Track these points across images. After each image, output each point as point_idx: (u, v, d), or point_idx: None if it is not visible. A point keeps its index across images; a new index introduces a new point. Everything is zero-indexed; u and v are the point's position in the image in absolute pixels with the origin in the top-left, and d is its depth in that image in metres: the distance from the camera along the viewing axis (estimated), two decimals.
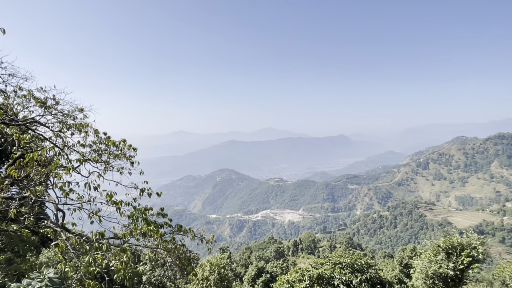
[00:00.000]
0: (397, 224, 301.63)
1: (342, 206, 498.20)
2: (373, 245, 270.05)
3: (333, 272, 26.35)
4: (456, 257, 20.95)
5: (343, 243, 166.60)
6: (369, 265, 27.81)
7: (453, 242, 21.57)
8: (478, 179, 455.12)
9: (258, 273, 50.19)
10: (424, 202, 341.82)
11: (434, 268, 21.17)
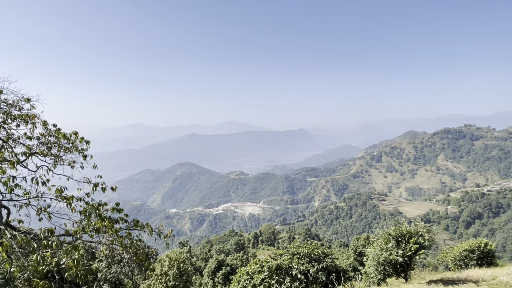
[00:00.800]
0: (352, 215, 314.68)
1: (301, 198, 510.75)
2: (330, 235, 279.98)
3: (292, 262, 27.06)
4: (405, 245, 22.33)
5: (302, 234, 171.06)
6: (325, 254, 28.88)
7: (402, 230, 22.95)
8: (426, 171, 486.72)
9: (218, 266, 50.32)
10: (377, 193, 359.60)
11: (385, 255, 22.44)
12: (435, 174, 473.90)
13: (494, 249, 31.45)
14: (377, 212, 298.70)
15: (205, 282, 50.66)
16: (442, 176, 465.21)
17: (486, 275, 24.19)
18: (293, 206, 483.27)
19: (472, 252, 30.64)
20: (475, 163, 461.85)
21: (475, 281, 22.47)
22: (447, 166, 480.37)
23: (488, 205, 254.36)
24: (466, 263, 30.79)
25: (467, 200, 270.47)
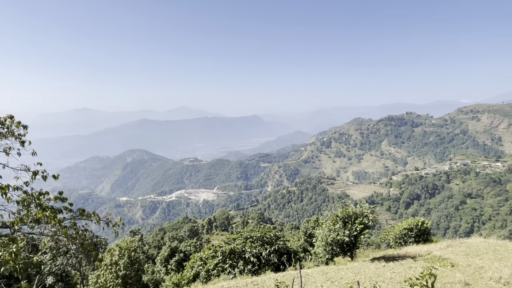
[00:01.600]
0: (303, 198, 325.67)
1: (254, 183, 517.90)
2: (282, 218, 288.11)
3: (245, 246, 27.63)
4: (351, 225, 23.68)
5: (255, 218, 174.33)
6: (277, 237, 29.82)
7: (349, 212, 24.27)
8: (371, 156, 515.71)
9: (171, 253, 49.85)
10: (327, 178, 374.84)
11: (333, 236, 23.66)
12: (379, 159, 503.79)
13: (430, 227, 34.43)
14: (326, 195, 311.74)
15: (158, 270, 50.03)
16: (386, 160, 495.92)
17: (423, 251, 26.49)
18: (247, 191, 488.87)
19: (411, 231, 33.32)
20: (414, 148, 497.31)
21: (413, 257, 24.50)
22: (390, 151, 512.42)
23: (425, 187, 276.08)
24: (406, 240, 33.45)
25: (407, 182, 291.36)
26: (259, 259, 27.23)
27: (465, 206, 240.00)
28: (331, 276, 19.89)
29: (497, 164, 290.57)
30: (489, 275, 18.68)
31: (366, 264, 22.67)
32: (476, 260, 22.87)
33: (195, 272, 30.11)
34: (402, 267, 21.38)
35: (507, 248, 26.02)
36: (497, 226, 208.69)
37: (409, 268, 21.11)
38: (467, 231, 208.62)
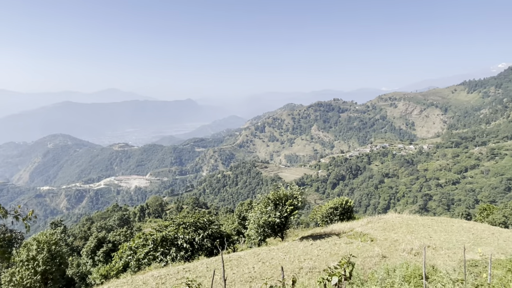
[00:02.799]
0: (238, 182, 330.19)
1: (189, 168, 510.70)
2: (218, 202, 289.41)
3: (177, 232, 27.09)
4: (282, 207, 24.49)
5: (190, 203, 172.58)
6: (210, 222, 29.73)
7: (280, 194, 25.04)
8: (302, 140, 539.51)
9: (98, 244, 47.15)
10: (261, 161, 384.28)
11: (265, 218, 24.28)
12: (309, 143, 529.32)
13: (353, 205, 37.20)
14: (260, 179, 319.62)
15: (83, 262, 47.08)
16: (315, 144, 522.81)
17: (346, 228, 28.53)
18: (181, 176, 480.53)
19: (336, 209, 35.66)
20: (341, 132, 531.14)
21: (337, 234, 26.25)
22: (319, 135, 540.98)
23: (350, 168, 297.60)
24: (331, 218, 35.74)
25: (334, 164, 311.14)
26: (192, 245, 26.95)
27: (383, 185, 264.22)
28: (262, 257, 20.44)
29: (410, 147, 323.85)
30: (402, 247, 20.79)
31: (295, 243, 23.74)
32: (392, 234, 25.29)
33: (124, 262, 28.89)
34: (328, 244, 22.78)
35: (418, 222, 29.19)
36: (409, 202, 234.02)
37: (334, 245, 22.59)
38: (385, 208, 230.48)
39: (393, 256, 19.09)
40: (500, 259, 16.78)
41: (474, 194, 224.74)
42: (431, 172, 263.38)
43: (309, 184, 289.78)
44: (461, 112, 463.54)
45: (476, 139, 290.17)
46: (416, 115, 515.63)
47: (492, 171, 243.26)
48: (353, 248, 21.22)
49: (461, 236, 24.77)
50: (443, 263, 17.78)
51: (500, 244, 22.91)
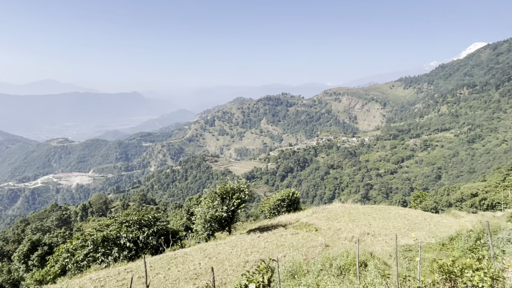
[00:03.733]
0: (188, 177, 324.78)
1: (136, 164, 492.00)
2: (167, 198, 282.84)
3: (120, 231, 25.83)
4: (229, 201, 24.30)
5: (137, 200, 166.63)
6: (156, 218, 28.72)
7: (226, 188, 24.83)
8: (252, 133, 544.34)
9: (32, 247, 43.56)
10: (211, 155, 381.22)
11: (212, 212, 23.94)
12: (258, 136, 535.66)
13: (299, 196, 38.14)
14: (210, 173, 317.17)
15: (15, 268, 43.28)
16: (264, 137, 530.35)
17: (292, 219, 29.15)
18: (128, 172, 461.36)
19: (283, 201, 36.31)
20: (289, 126, 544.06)
21: (284, 225, 26.72)
22: (268, 129, 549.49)
23: (298, 160, 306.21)
24: (279, 210, 36.33)
25: (283, 157, 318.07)
26: (137, 243, 25.90)
27: (328, 176, 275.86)
28: (209, 253, 20.14)
29: (353, 139, 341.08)
30: (344, 235, 21.66)
31: (243, 236, 23.74)
32: (335, 223, 26.29)
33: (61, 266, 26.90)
34: (274, 236, 23.08)
35: (359, 210, 30.70)
36: (352, 192, 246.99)
37: (281, 236, 22.94)
38: (330, 197, 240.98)
39: (335, 245, 19.81)
40: (431, 242, 18.10)
41: (409, 183, 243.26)
42: (372, 163, 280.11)
43: (259, 177, 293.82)
44: (398, 106, 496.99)
45: (411, 132, 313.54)
46: (358, 109, 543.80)
47: (425, 161, 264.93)
48: (299, 239, 21.70)
49: (398, 223, 26.49)
50: (381, 249, 18.81)
51: (431, 229, 24.85)
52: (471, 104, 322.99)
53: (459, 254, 14.64)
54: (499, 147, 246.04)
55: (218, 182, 26.10)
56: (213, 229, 24.83)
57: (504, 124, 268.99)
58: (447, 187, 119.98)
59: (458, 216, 32.38)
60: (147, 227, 27.29)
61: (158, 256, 21.93)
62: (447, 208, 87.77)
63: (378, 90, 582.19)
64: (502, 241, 14.83)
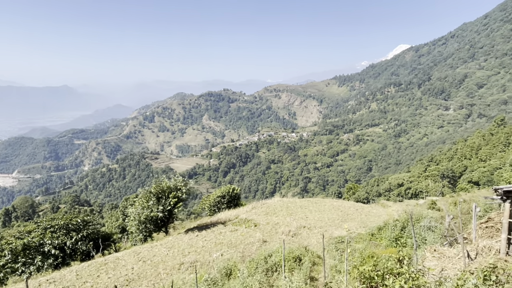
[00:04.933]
0: (126, 175, 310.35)
1: (68, 163, 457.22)
2: (102, 198, 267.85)
3: (44, 238, 23.58)
4: (165, 200, 23.35)
5: (69, 202, 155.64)
6: (86, 222, 26.67)
7: (162, 187, 23.82)
8: (193, 129, 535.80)
9: None
10: (150, 153, 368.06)
11: (146, 213, 22.80)
12: (200, 132, 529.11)
13: (240, 192, 38.16)
14: (150, 171, 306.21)
15: None
16: (206, 133, 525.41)
17: (232, 215, 29.03)
18: (58, 173, 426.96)
19: (223, 198, 36.06)
20: (231, 122, 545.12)
21: (223, 222, 26.45)
22: (210, 125, 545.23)
23: (240, 156, 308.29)
24: (219, 207, 36.02)
25: (225, 153, 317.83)
26: (63, 250, 23.84)
27: (270, 171, 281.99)
28: (143, 256, 19.16)
29: (292, 135, 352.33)
30: (281, 229, 22.03)
31: (180, 236, 23.00)
32: (273, 217, 26.68)
33: None
34: (213, 234, 22.72)
35: (296, 204, 31.53)
36: (292, 185, 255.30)
37: (220, 234, 22.65)
38: (272, 191, 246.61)
39: (273, 240, 20.04)
40: (362, 233, 19.12)
41: (344, 175, 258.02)
42: (310, 157, 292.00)
43: (201, 173, 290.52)
44: (333, 103, 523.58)
45: (345, 127, 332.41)
46: (297, 105, 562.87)
47: (357, 155, 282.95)
48: (237, 235, 21.60)
49: (332, 214, 27.68)
50: (316, 241, 19.43)
51: (362, 219, 26.34)
52: (397, 101, 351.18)
53: (387, 243, 15.63)
54: (421, 140, 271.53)
55: (154, 181, 24.86)
56: (148, 230, 23.66)
57: (425, 120, 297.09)
58: (377, 178, 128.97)
59: (386, 205, 34.83)
60: (75, 231, 25.26)
61: (87, 262, 20.39)
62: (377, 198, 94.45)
63: (315, 88, 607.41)
64: (424, 229, 16.13)
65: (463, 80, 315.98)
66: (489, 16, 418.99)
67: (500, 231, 10.88)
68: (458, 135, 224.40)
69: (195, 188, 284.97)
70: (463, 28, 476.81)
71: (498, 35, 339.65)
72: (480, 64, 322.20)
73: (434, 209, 47.87)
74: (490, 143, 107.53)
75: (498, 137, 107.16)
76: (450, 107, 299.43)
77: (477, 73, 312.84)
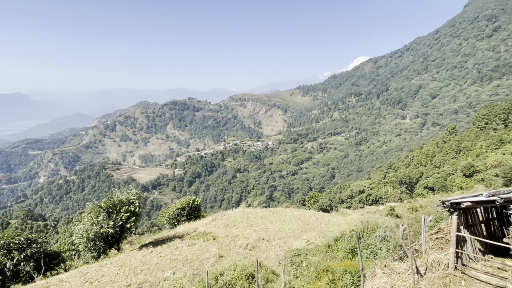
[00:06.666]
0: (85, 187, 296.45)
1: (21, 175, 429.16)
2: (59, 212, 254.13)
3: None
4: (116, 215, 21.98)
5: (21, 217, 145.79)
6: (30, 240, 24.57)
7: (114, 201, 22.45)
8: (158, 139, 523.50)
9: None
10: (112, 163, 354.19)
11: (95, 229, 21.30)
12: (165, 142, 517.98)
13: (200, 203, 37.05)
14: (111, 182, 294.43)
15: None
16: (171, 143, 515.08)
17: (191, 228, 27.99)
18: (10, 185, 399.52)
19: (183, 209, 34.80)
20: (196, 131, 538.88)
21: (181, 236, 25.39)
22: (175, 134, 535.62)
23: (205, 165, 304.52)
24: (179, 219, 34.69)
25: (190, 163, 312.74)
26: (3, 272, 21.79)
27: (235, 180, 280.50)
28: (91, 276, 17.78)
29: (258, 143, 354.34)
30: (239, 243, 21.40)
31: (133, 253, 21.72)
32: (233, 229, 26.01)
33: None
34: (169, 249, 21.66)
35: (257, 214, 31.07)
36: (258, 194, 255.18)
37: (176, 249, 21.63)
38: (238, 201, 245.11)
39: (230, 254, 19.39)
40: (319, 244, 18.94)
41: (308, 183, 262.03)
42: (275, 165, 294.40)
43: (166, 183, 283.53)
44: (298, 112, 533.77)
45: (309, 136, 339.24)
46: (262, 114, 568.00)
47: (321, 162, 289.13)
48: (194, 250, 20.73)
49: (293, 224, 27.47)
50: (275, 254, 19.02)
51: (322, 228, 26.33)
52: (358, 110, 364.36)
53: (343, 255, 15.51)
54: (380, 148, 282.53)
55: (104, 194, 23.35)
56: (97, 248, 22.06)
57: (384, 128, 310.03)
58: (339, 185, 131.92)
59: (345, 214, 35.26)
60: (18, 251, 23.24)
61: (29, 285, 18.66)
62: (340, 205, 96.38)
63: (279, 97, 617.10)
64: (378, 239, 16.20)
65: (418, 90, 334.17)
66: (440, 31, 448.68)
67: (450, 242, 10.90)
68: (414, 142, 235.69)
69: (159, 199, 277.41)
70: (417, 42, 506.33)
71: (448, 49, 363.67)
72: (433, 76, 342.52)
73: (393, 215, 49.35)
74: (443, 150, 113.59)
75: (450, 144, 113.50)
76: (406, 116, 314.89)
77: (430, 84, 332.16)
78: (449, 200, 10.83)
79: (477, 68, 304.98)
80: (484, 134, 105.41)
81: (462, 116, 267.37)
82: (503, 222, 12.69)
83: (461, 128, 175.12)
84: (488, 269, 10.24)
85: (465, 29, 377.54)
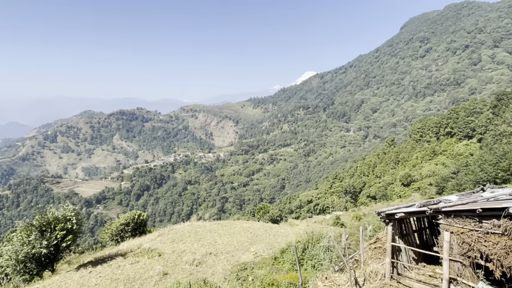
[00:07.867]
0: (20, 203, 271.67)
1: None
2: None
3: None
4: (50, 233, 20.35)
5: None
6: None
7: (48, 218, 20.78)
8: (103, 150, 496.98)
9: None
10: (51, 176, 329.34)
11: (27, 250, 19.49)
12: (111, 153, 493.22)
13: (146, 218, 35.50)
14: (50, 196, 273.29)
15: None
16: (118, 154, 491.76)
17: (135, 245, 26.69)
18: None
19: (128, 225, 33.11)
20: (145, 142, 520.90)
21: (123, 254, 24.10)
22: (122, 145, 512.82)
23: (154, 178, 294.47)
24: (123, 236, 32.90)
25: (138, 175, 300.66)
26: None
27: (186, 192, 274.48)
28: None
29: (209, 155, 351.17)
30: (185, 259, 20.82)
31: (70, 274, 20.20)
32: (180, 245, 25.26)
33: None
34: (110, 269, 20.44)
35: (205, 228, 30.54)
36: (209, 206, 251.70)
37: (118, 268, 20.48)
38: (188, 213, 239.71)
39: (175, 271, 18.78)
40: (266, 257, 19.03)
41: (259, 194, 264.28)
42: (227, 177, 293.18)
43: (111, 197, 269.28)
44: (249, 124, 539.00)
45: (260, 147, 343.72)
46: (214, 126, 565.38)
47: (271, 173, 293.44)
48: (137, 269, 19.77)
49: (241, 237, 27.35)
50: (222, 269, 18.76)
51: (270, 240, 26.51)
52: (306, 123, 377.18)
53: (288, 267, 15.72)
54: (327, 159, 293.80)
55: (36, 211, 21.50)
56: (28, 271, 20.14)
57: (330, 140, 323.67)
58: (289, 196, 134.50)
59: (293, 224, 35.93)
60: None
61: None
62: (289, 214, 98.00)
63: (231, 109, 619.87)
64: (322, 250, 16.67)
65: (360, 105, 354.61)
66: (380, 50, 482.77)
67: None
68: (358, 154, 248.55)
69: (103, 214, 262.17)
70: (360, 59, 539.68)
71: (387, 67, 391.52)
72: (374, 92, 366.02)
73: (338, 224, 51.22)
74: (384, 161, 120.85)
75: (389, 155, 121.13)
76: (350, 129, 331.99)
77: (371, 99, 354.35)
78: (384, 211, 11.39)
79: (412, 85, 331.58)
80: (419, 146, 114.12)
81: (400, 129, 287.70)
82: (434, 231, 13.63)
83: (399, 140, 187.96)
84: (421, 277, 10.80)
85: (401, 49, 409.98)
